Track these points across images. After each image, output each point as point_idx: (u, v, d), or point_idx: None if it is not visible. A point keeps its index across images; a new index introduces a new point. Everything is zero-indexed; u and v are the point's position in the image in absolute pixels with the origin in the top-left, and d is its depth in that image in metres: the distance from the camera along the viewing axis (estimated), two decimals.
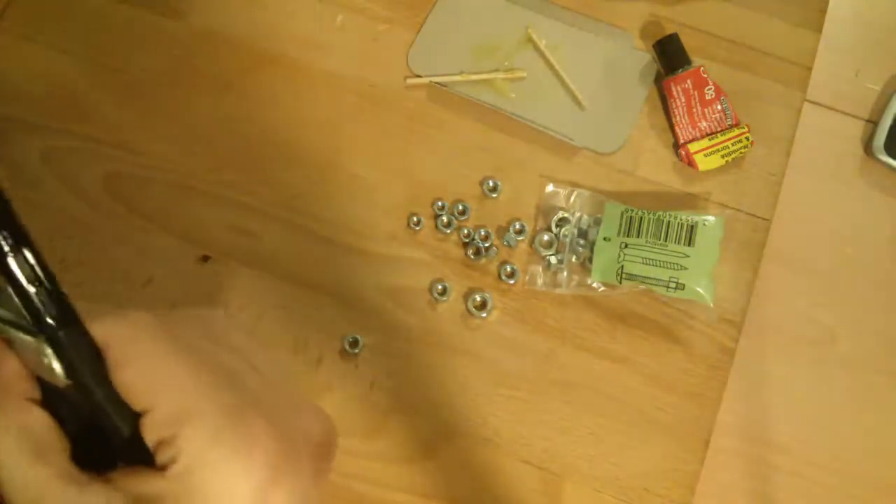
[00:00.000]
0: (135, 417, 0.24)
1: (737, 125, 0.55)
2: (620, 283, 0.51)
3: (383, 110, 0.57)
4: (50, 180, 0.54)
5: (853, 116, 1.15)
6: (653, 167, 0.55)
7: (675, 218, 0.51)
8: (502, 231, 0.53)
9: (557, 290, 0.52)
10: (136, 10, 0.59)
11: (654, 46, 0.57)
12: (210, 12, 0.59)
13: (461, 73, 0.57)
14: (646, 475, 0.49)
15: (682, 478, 0.49)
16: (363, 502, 0.48)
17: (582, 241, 0.52)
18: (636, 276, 0.50)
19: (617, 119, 0.56)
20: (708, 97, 0.54)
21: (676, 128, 0.55)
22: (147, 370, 0.24)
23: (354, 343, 0.50)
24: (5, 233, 0.22)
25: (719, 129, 0.55)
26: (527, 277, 0.52)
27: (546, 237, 0.53)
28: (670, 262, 0.51)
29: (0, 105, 0.57)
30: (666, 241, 0.51)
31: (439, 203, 0.54)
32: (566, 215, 0.53)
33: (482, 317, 0.52)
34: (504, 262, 0.53)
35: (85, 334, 0.24)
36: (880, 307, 1.08)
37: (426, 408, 0.50)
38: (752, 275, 0.53)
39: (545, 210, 0.54)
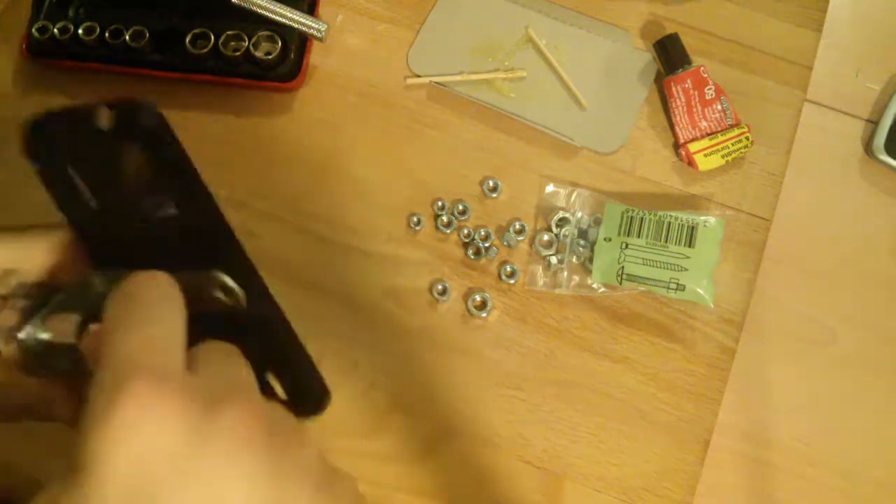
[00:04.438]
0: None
1: (737, 125, 0.55)
2: (621, 283, 0.51)
3: (383, 110, 0.57)
4: None
5: (853, 116, 1.15)
6: (653, 167, 0.55)
7: (676, 219, 0.51)
8: (502, 231, 0.53)
9: (557, 291, 0.52)
10: None
11: (654, 46, 0.57)
12: None
13: (461, 73, 0.57)
14: (646, 475, 0.49)
15: (682, 478, 0.49)
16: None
17: (582, 242, 0.52)
18: (637, 277, 0.50)
19: (617, 119, 0.56)
20: (708, 97, 0.54)
21: (676, 127, 0.55)
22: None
23: None
24: None
25: (719, 129, 0.55)
26: (527, 277, 0.52)
27: (546, 237, 0.53)
28: (671, 264, 0.51)
29: (1, 106, 0.57)
30: (666, 242, 0.51)
31: (439, 203, 0.54)
32: (566, 215, 0.53)
33: (482, 317, 0.52)
34: (504, 262, 0.53)
35: None
36: (880, 307, 1.08)
37: (426, 408, 0.50)
38: (752, 275, 0.53)
39: (545, 210, 0.54)
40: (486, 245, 0.53)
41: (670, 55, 0.56)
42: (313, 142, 0.56)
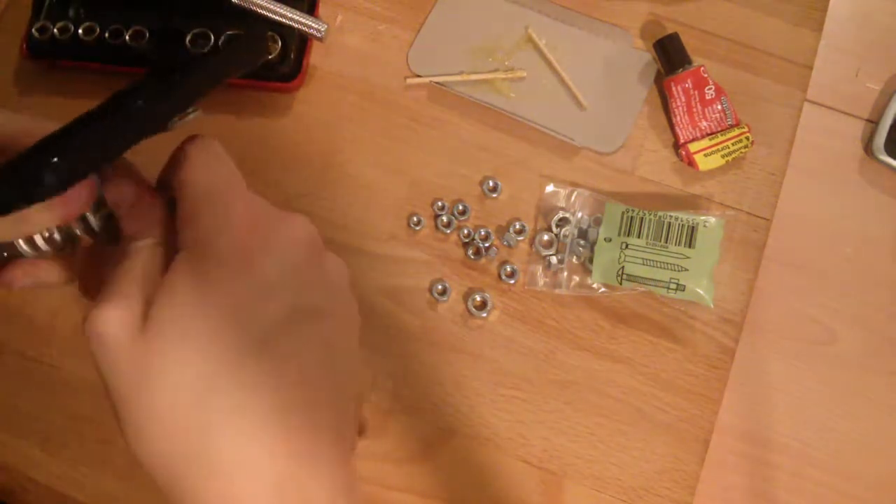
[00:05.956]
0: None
1: (737, 125, 0.55)
2: (621, 283, 0.51)
3: (383, 110, 0.57)
4: None
5: (853, 116, 1.15)
6: (653, 167, 0.55)
7: (676, 219, 0.51)
8: (502, 231, 0.53)
9: (557, 291, 0.52)
10: None
11: (654, 46, 0.57)
12: None
13: (461, 73, 0.57)
14: (646, 475, 0.49)
15: (682, 478, 0.49)
16: (363, 502, 0.48)
17: (582, 242, 0.52)
18: (637, 277, 0.50)
19: (617, 119, 0.56)
20: (708, 97, 0.54)
21: (676, 127, 0.55)
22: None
23: None
24: None
25: (719, 129, 0.55)
26: (527, 277, 0.52)
27: (546, 237, 0.53)
28: (671, 264, 0.51)
29: (1, 106, 0.57)
30: (666, 242, 0.51)
31: (439, 203, 0.54)
32: (566, 215, 0.53)
33: (482, 317, 0.52)
34: (504, 262, 0.53)
35: None
36: (880, 307, 1.08)
37: (426, 408, 0.50)
38: (752, 275, 0.53)
39: (545, 210, 0.54)
40: (486, 245, 0.53)
41: (670, 55, 0.56)
42: (313, 142, 0.56)
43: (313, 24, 0.54)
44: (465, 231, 0.53)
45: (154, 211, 0.27)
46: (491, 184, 0.54)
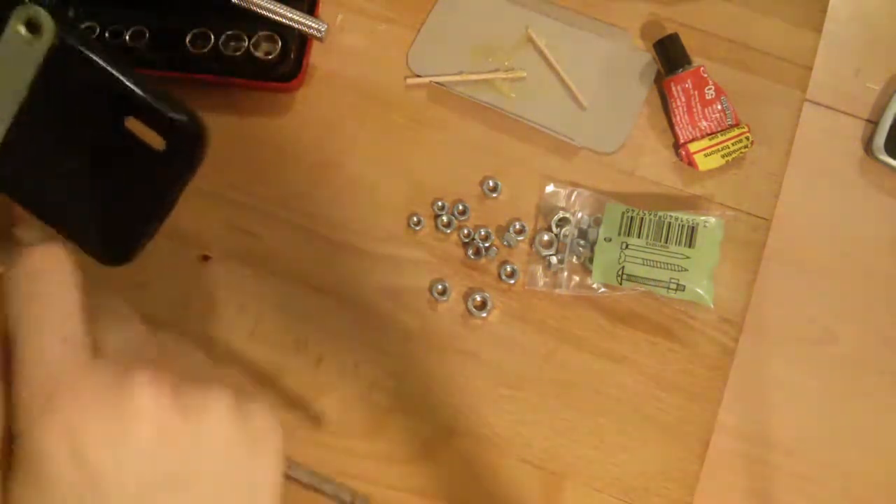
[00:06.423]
0: None
1: (737, 125, 0.55)
2: (621, 283, 0.51)
3: (383, 110, 0.57)
4: None
5: (853, 116, 1.15)
6: (653, 167, 0.55)
7: (676, 219, 0.51)
8: (502, 231, 0.53)
9: (557, 291, 0.52)
10: None
11: (654, 46, 0.57)
12: None
13: (461, 73, 0.57)
14: (646, 475, 0.49)
15: (682, 478, 0.49)
16: None
17: (582, 242, 0.52)
18: (637, 277, 0.50)
19: (617, 119, 0.56)
20: (708, 97, 0.54)
21: (676, 128, 0.55)
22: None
23: None
24: None
25: (719, 129, 0.55)
26: (527, 277, 0.52)
27: (546, 237, 0.53)
28: (671, 264, 0.51)
29: None
30: (666, 242, 0.51)
31: (439, 203, 0.54)
32: (566, 215, 0.53)
33: (482, 317, 0.52)
34: (504, 262, 0.53)
35: None
36: (880, 307, 1.08)
37: (426, 408, 0.50)
38: (752, 275, 0.53)
39: (545, 210, 0.54)
40: (486, 245, 0.53)
41: (670, 55, 0.56)
42: (313, 142, 0.56)
43: (313, 24, 0.54)
44: (465, 231, 0.53)
45: None
46: (491, 184, 0.54)
